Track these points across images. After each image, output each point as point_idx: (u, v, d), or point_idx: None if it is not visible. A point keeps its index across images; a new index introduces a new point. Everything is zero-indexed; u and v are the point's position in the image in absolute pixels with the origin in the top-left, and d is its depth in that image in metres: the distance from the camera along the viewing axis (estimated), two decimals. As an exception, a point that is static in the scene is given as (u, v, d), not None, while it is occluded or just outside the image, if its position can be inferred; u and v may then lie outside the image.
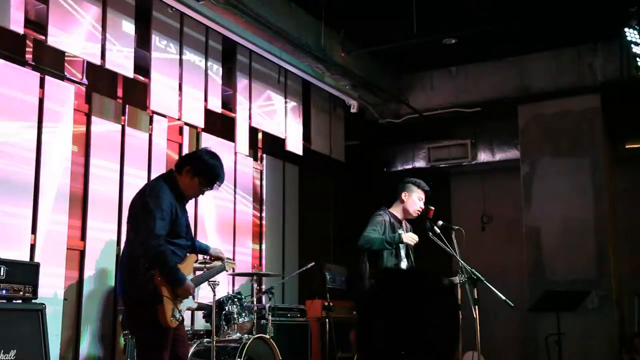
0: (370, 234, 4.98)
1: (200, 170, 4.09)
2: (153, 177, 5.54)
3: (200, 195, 4.36)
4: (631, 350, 7.24)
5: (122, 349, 5.38)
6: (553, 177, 7.99)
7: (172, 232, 3.99)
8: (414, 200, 5.11)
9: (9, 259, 4.41)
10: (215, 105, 6.76)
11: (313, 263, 6.57)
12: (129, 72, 5.83)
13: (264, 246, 7.50)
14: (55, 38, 5.17)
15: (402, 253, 5.08)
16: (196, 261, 4.33)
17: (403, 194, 5.12)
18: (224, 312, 5.43)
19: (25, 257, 4.92)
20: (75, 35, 5.34)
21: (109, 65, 5.62)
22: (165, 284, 3.89)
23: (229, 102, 7.13)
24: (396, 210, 5.13)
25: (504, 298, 4.74)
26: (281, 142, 7.73)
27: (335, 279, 7.85)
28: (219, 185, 4.19)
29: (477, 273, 4.79)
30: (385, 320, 1.42)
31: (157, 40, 6.12)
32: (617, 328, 7.61)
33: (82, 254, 5.50)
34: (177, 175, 4.12)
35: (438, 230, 5.00)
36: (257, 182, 7.61)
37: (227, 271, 4.78)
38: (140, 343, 4.09)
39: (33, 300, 4.40)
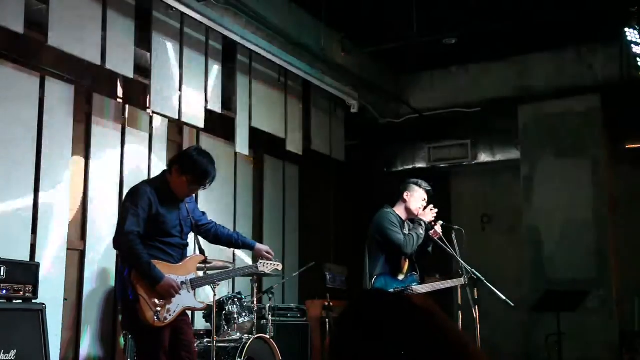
0: (399, 235, 4.89)
1: (187, 168, 4.00)
2: (153, 177, 5.55)
3: (193, 194, 4.28)
4: (632, 350, 7.24)
5: (122, 349, 5.37)
6: (553, 177, 7.99)
7: (159, 232, 3.95)
8: (416, 199, 5.10)
9: (9, 259, 4.40)
10: (215, 106, 6.76)
11: (313, 263, 6.57)
12: (129, 72, 5.83)
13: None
14: (55, 38, 5.16)
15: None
16: (204, 261, 4.25)
17: (405, 194, 5.11)
18: (224, 312, 5.43)
19: (25, 257, 4.92)
20: (75, 35, 5.33)
21: (109, 65, 5.61)
22: (142, 282, 3.81)
23: (229, 102, 7.13)
24: (399, 211, 5.12)
25: (504, 298, 4.74)
26: (281, 142, 7.73)
27: (335, 279, 7.85)
28: (210, 183, 4.08)
29: (477, 273, 4.78)
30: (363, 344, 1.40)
31: (157, 40, 6.11)
32: (617, 328, 7.60)
33: (82, 254, 5.50)
34: (168, 175, 4.09)
35: (440, 230, 5.01)
36: (257, 182, 7.60)
37: (262, 272, 4.59)
38: (136, 343, 4.11)
39: (33, 300, 4.39)
